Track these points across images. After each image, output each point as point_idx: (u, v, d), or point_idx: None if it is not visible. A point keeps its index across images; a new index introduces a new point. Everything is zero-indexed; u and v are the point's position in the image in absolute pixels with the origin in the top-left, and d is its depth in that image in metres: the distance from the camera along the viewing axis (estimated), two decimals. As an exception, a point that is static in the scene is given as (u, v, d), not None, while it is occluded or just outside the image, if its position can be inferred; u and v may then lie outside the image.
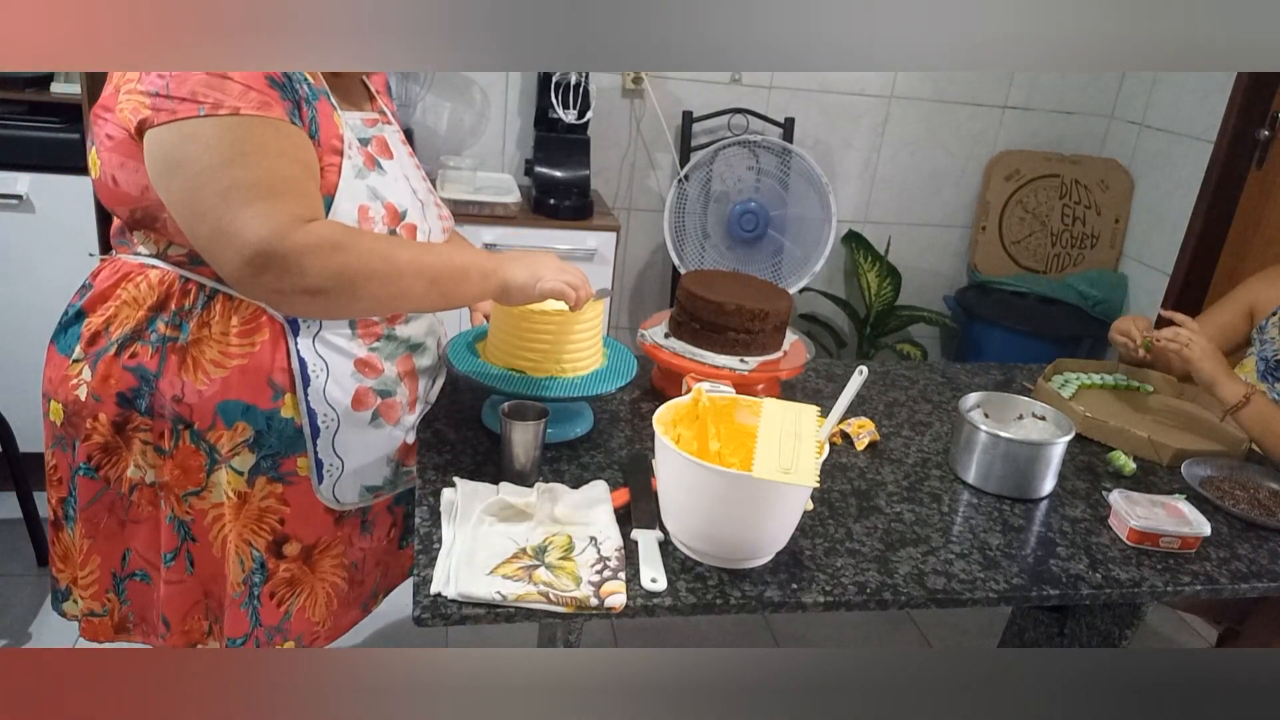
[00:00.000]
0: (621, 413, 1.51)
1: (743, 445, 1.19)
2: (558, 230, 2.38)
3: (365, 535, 1.36)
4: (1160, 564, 1.26)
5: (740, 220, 2.69)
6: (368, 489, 1.31)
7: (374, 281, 1.08)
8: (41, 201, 2.11)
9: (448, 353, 1.39)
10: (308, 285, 1.04)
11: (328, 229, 1.05)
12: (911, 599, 1.13)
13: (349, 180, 1.15)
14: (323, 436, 1.22)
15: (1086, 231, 3.12)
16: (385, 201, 1.20)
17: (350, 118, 1.21)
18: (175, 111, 1.03)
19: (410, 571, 1.49)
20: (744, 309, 1.48)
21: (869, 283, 2.99)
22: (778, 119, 2.80)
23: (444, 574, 1.04)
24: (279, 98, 1.07)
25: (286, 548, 1.26)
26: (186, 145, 1.03)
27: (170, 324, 1.16)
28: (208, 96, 1.03)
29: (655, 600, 1.05)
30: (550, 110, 2.48)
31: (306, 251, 1.02)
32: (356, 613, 1.41)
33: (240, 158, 1.03)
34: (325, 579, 1.32)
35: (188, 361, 1.16)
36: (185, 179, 1.04)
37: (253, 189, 1.02)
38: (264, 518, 1.23)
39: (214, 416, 1.16)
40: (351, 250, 1.05)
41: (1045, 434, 1.44)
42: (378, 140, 1.25)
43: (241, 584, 1.24)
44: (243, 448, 1.19)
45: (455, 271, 1.15)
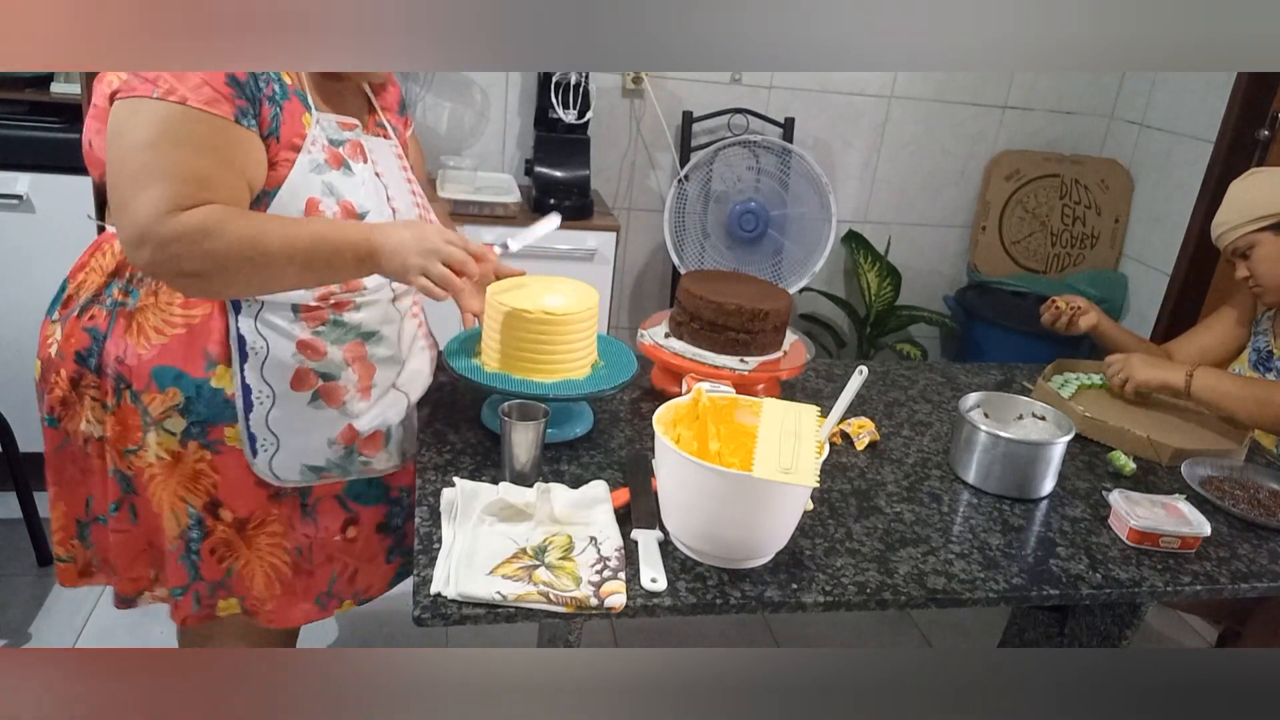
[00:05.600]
0: (621, 413, 1.51)
1: (743, 445, 1.19)
2: (557, 230, 2.37)
3: (307, 520, 1.34)
4: (1160, 564, 1.26)
5: (740, 220, 2.69)
6: (310, 468, 1.30)
7: (244, 266, 1.10)
8: (41, 201, 2.11)
9: (444, 354, 1.39)
10: (180, 269, 1.09)
11: (201, 216, 1.08)
12: (911, 599, 1.13)
13: (302, 173, 1.19)
14: (255, 412, 1.24)
15: (1086, 231, 3.12)
16: (342, 200, 1.22)
17: (327, 119, 1.24)
18: (135, 89, 1.09)
19: (390, 585, 1.50)
20: (744, 309, 1.48)
21: (869, 283, 2.99)
22: (778, 119, 2.80)
23: (444, 574, 1.04)
24: (232, 95, 1.11)
25: (222, 511, 1.28)
26: (131, 118, 1.09)
27: (123, 290, 1.23)
28: (165, 82, 1.08)
29: (655, 600, 1.05)
30: (550, 110, 2.48)
31: (177, 238, 1.06)
32: (310, 607, 1.39)
33: (164, 141, 1.08)
34: (263, 557, 1.32)
35: (133, 326, 1.21)
36: (116, 150, 1.10)
37: (157, 173, 1.07)
38: (198, 479, 1.26)
39: (149, 379, 1.21)
40: (220, 237, 1.08)
41: (1045, 434, 1.44)
42: (352, 144, 1.26)
43: (178, 538, 1.28)
44: (174, 411, 1.22)
45: (328, 253, 1.13)
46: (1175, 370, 1.68)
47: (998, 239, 3.11)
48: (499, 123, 2.68)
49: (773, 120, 2.80)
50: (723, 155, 2.68)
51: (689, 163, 2.69)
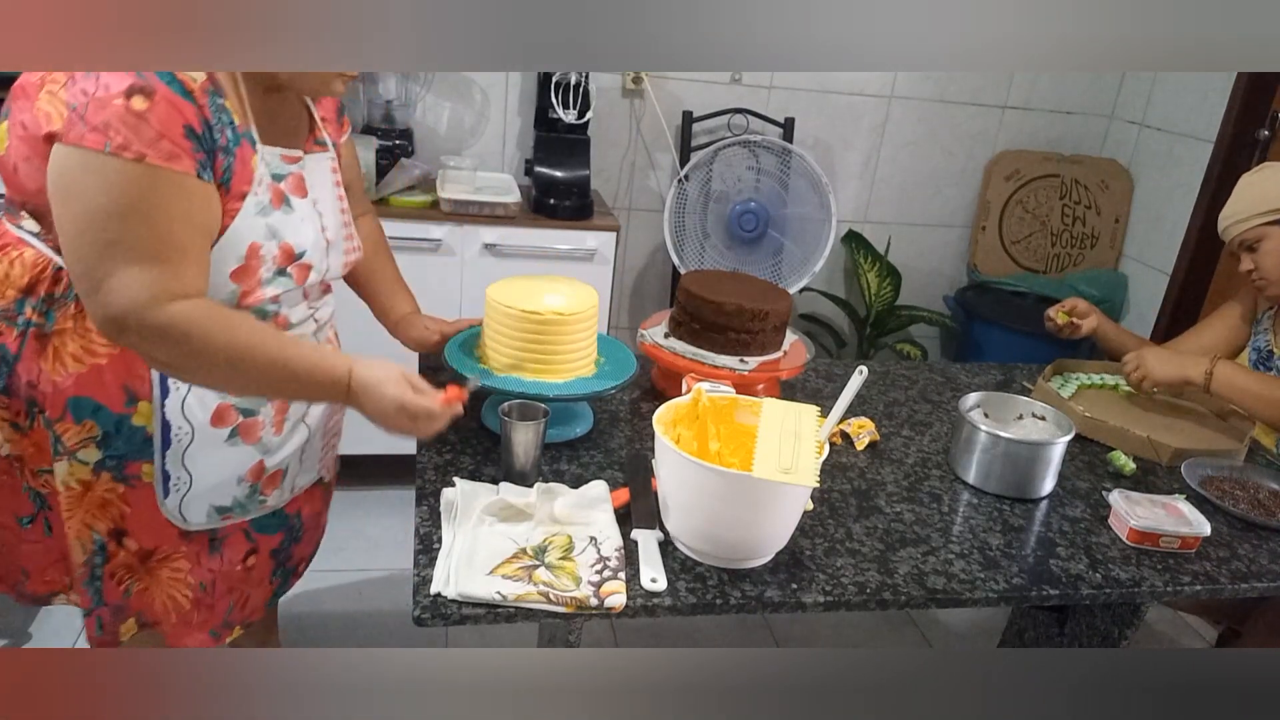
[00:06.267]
0: (621, 413, 1.51)
1: (743, 445, 1.19)
2: (558, 230, 2.38)
3: (214, 556, 1.32)
4: (1160, 564, 1.26)
5: (740, 220, 2.69)
6: (216, 509, 1.28)
7: (215, 376, 1.11)
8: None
9: (445, 355, 1.39)
10: (155, 358, 1.08)
11: (186, 314, 1.05)
12: (911, 599, 1.13)
13: (247, 218, 1.15)
14: (173, 449, 1.21)
15: (1086, 231, 3.12)
16: (282, 242, 1.19)
17: (270, 154, 1.19)
18: (84, 138, 1.01)
19: (267, 604, 1.48)
20: (744, 309, 1.48)
21: (869, 283, 2.99)
22: (778, 119, 2.80)
23: (444, 574, 1.04)
24: (191, 150, 1.05)
25: (126, 540, 1.25)
26: (85, 177, 1.02)
27: (37, 310, 1.15)
28: (118, 134, 1.00)
29: (655, 600, 1.05)
30: (550, 110, 2.48)
31: (158, 334, 1.04)
32: (203, 637, 1.36)
33: (133, 212, 1.02)
34: (164, 588, 1.30)
35: (48, 350, 1.15)
36: (76, 214, 1.03)
37: (133, 249, 1.02)
38: (106, 508, 1.23)
39: (64, 409, 1.16)
40: (203, 345, 1.06)
41: (1045, 434, 1.44)
42: (294, 178, 1.23)
43: (83, 565, 1.25)
44: (90, 443, 1.18)
45: (302, 381, 1.12)
46: (1195, 365, 1.66)
47: (998, 239, 3.11)
48: (499, 123, 2.68)
49: (773, 120, 2.80)
50: (723, 155, 2.68)
51: (689, 163, 2.69)
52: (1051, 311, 1.91)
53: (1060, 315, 1.90)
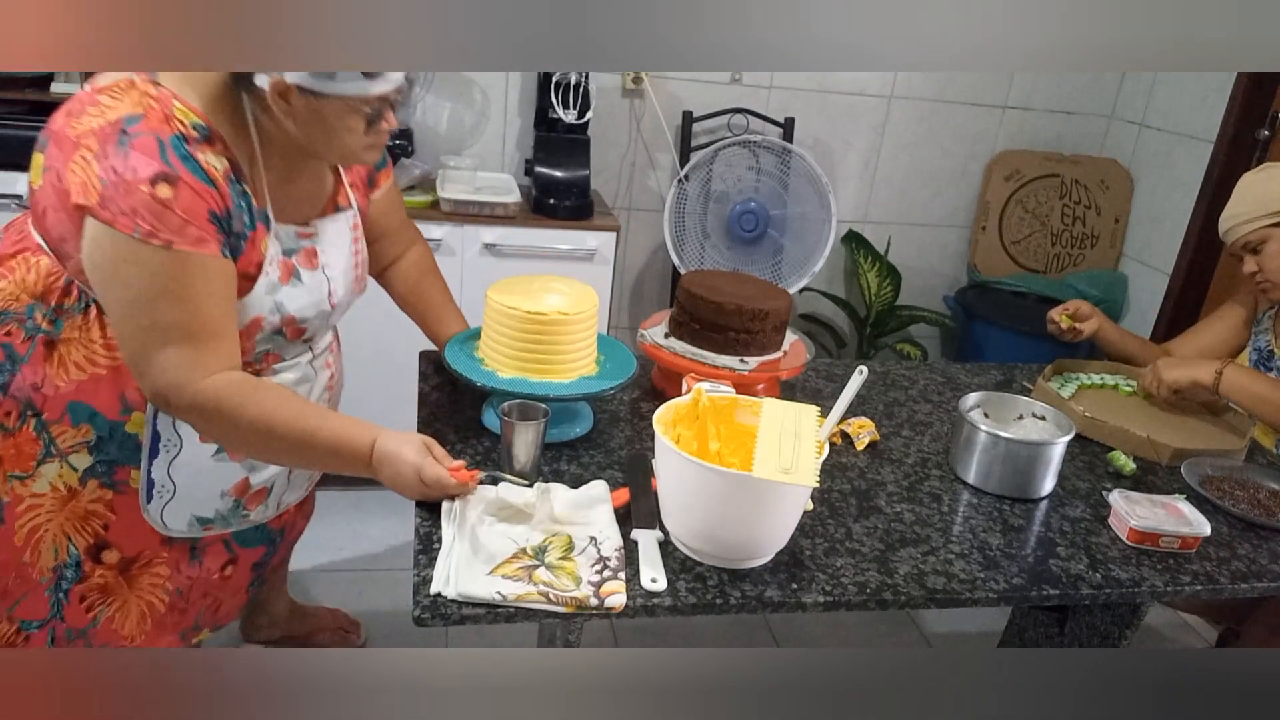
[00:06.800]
0: (621, 413, 1.51)
1: (743, 445, 1.19)
2: (558, 230, 2.38)
3: (194, 564, 1.36)
4: (1160, 564, 1.26)
5: (740, 220, 2.69)
6: (198, 519, 1.32)
7: (248, 447, 1.20)
8: (41, 201, 2.11)
9: (445, 356, 1.39)
10: (197, 429, 1.19)
11: (217, 390, 1.12)
12: (911, 599, 1.13)
13: (256, 295, 1.21)
14: (160, 458, 1.25)
15: (1086, 231, 3.12)
16: (285, 314, 1.26)
17: (285, 230, 1.25)
18: (115, 220, 1.07)
19: (242, 610, 1.55)
20: (744, 309, 1.48)
21: (869, 283, 2.99)
22: (778, 119, 2.80)
23: (444, 574, 1.04)
24: (215, 233, 1.12)
25: (106, 554, 1.28)
26: (123, 266, 1.09)
27: (47, 318, 1.20)
28: (145, 221, 1.06)
29: (655, 600, 1.05)
30: (550, 110, 2.48)
31: (195, 410, 1.13)
32: (173, 639, 1.40)
33: (166, 295, 1.09)
34: (142, 595, 1.33)
35: (54, 355, 1.20)
36: (117, 299, 1.12)
37: (169, 332, 1.11)
38: (89, 520, 1.26)
39: (63, 412, 1.20)
40: (231, 419, 1.13)
41: (1045, 434, 1.44)
42: (306, 251, 1.28)
43: (51, 570, 1.26)
44: (82, 447, 1.22)
45: (328, 451, 1.16)
46: (1204, 367, 1.67)
47: (998, 239, 3.11)
48: (499, 123, 2.68)
49: (773, 120, 2.80)
50: (723, 155, 2.68)
51: (689, 163, 2.69)
52: (1054, 314, 1.91)
53: (1063, 319, 1.89)
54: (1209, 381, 1.65)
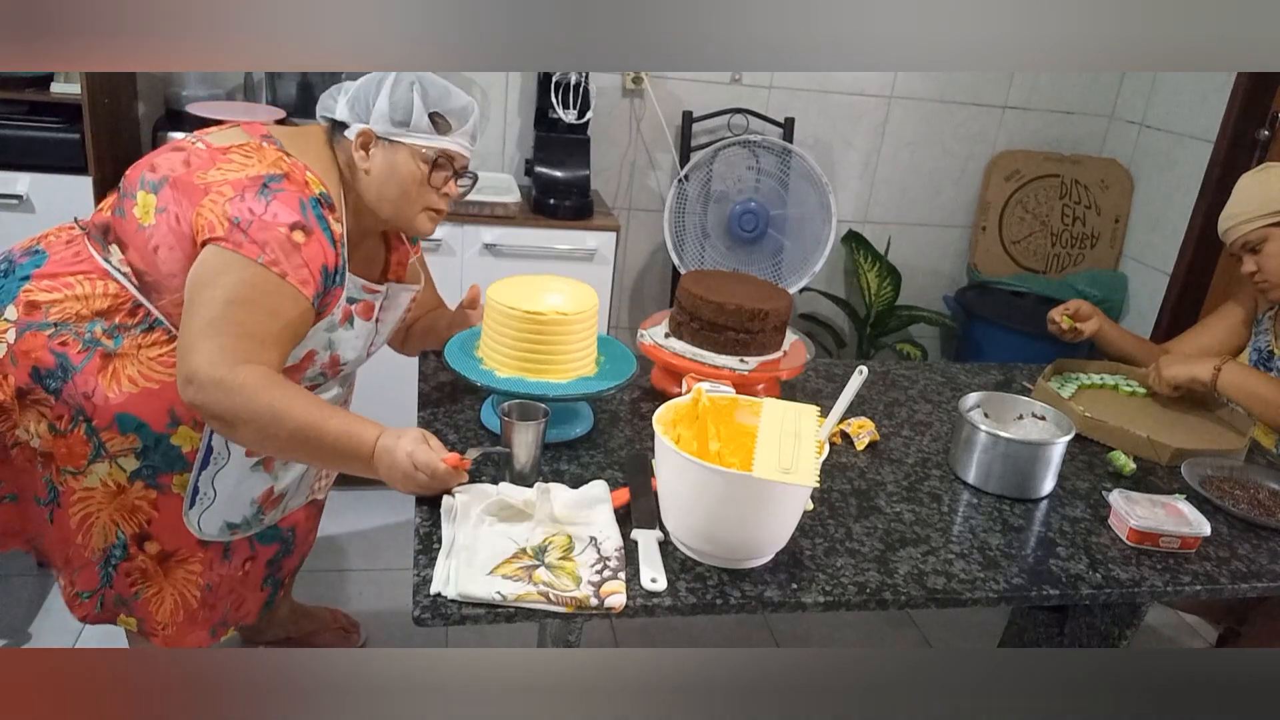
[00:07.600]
0: (621, 413, 1.51)
1: (743, 445, 1.19)
2: (557, 230, 2.38)
3: (225, 563, 1.46)
4: (1160, 564, 1.26)
5: (740, 220, 2.69)
6: (228, 525, 1.42)
7: (256, 434, 1.18)
8: (41, 201, 2.11)
9: (445, 356, 1.39)
10: (211, 412, 1.16)
11: (247, 375, 1.15)
12: (911, 599, 1.13)
13: (317, 331, 1.32)
14: (208, 470, 1.35)
15: (1086, 231, 3.12)
16: (334, 353, 1.38)
17: (353, 281, 1.35)
18: (240, 245, 1.18)
19: (262, 611, 1.59)
20: (744, 309, 1.48)
21: (869, 283, 2.99)
22: (778, 119, 2.80)
23: (444, 574, 1.04)
24: (319, 284, 1.24)
25: (148, 544, 1.37)
26: (221, 273, 1.18)
27: (107, 333, 1.28)
28: (273, 253, 1.19)
29: (655, 600, 1.05)
30: (550, 110, 2.48)
31: (217, 383, 1.15)
32: (204, 635, 1.48)
33: (245, 303, 1.18)
34: (176, 587, 1.42)
35: (109, 368, 1.27)
36: (204, 299, 1.18)
37: (226, 326, 1.16)
38: (135, 513, 1.35)
39: (112, 420, 1.28)
40: (249, 402, 1.14)
41: (1045, 434, 1.44)
42: (365, 304, 1.39)
43: (101, 550, 1.36)
44: (129, 453, 1.30)
45: (333, 450, 1.18)
46: (1203, 364, 1.68)
47: (998, 239, 3.11)
48: (499, 123, 2.68)
49: (773, 120, 2.80)
50: (723, 155, 2.68)
51: (689, 163, 2.69)
52: (1054, 314, 1.91)
53: (1064, 319, 1.89)
54: (1207, 378, 1.66)
